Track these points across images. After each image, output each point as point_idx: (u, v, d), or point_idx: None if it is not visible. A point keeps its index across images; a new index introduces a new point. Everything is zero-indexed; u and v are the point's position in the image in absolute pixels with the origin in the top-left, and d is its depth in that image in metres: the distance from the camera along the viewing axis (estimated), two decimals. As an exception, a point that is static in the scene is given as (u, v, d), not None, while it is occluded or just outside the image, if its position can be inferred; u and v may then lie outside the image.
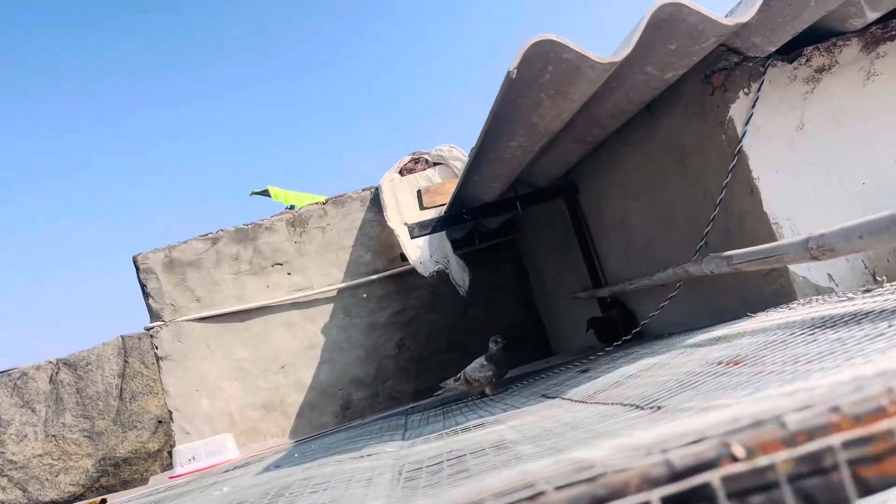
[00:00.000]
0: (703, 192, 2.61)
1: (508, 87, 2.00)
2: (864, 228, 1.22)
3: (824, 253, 1.38)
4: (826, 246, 1.35)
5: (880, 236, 1.17)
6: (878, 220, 1.18)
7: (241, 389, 5.38)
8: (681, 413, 0.88)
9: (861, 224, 1.24)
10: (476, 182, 3.39)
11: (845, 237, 1.28)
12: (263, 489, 1.41)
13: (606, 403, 1.48)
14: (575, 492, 0.46)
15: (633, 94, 2.39)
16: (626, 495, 0.45)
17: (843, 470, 0.46)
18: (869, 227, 1.21)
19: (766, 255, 1.69)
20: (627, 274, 3.64)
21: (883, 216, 1.17)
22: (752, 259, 1.78)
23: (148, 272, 5.43)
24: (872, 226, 1.19)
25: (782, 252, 1.60)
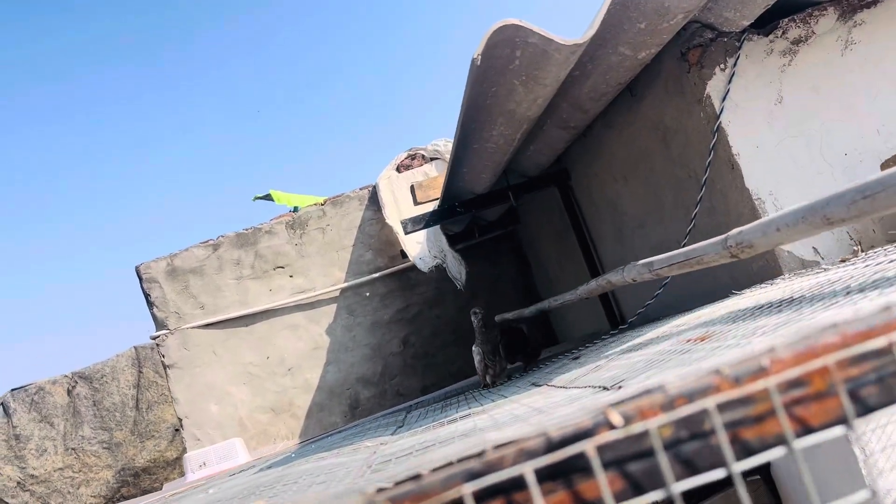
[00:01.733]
0: (688, 172, 2.59)
1: (477, 74, 1.99)
2: (780, 221, 1.19)
3: (743, 250, 1.35)
4: (745, 243, 1.32)
5: (797, 227, 1.15)
6: (793, 212, 1.15)
7: (250, 393, 5.41)
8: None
9: (776, 218, 1.22)
10: (465, 174, 3.38)
11: (763, 232, 1.26)
12: (242, 488, 1.42)
13: (581, 387, 1.48)
14: (450, 471, 0.45)
15: (610, 75, 2.37)
16: (502, 469, 0.45)
17: (720, 433, 0.45)
18: (784, 219, 1.18)
19: (686, 257, 1.65)
20: (624, 258, 3.61)
21: (796, 208, 1.15)
22: (673, 263, 1.75)
23: (151, 281, 5.46)
24: (787, 218, 1.17)
25: (701, 253, 1.56)
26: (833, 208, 1.06)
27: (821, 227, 1.11)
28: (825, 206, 1.08)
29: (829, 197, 1.08)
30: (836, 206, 1.05)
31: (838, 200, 1.05)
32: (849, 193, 1.04)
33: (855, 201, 1.01)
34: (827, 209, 1.07)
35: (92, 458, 9.13)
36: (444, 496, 0.45)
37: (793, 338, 0.47)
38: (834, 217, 1.06)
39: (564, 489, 0.45)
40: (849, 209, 1.03)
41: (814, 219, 1.10)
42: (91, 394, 9.30)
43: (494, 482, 0.45)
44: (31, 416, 9.15)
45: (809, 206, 1.09)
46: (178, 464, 9.26)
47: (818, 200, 1.10)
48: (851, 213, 1.04)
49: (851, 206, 1.02)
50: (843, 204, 1.04)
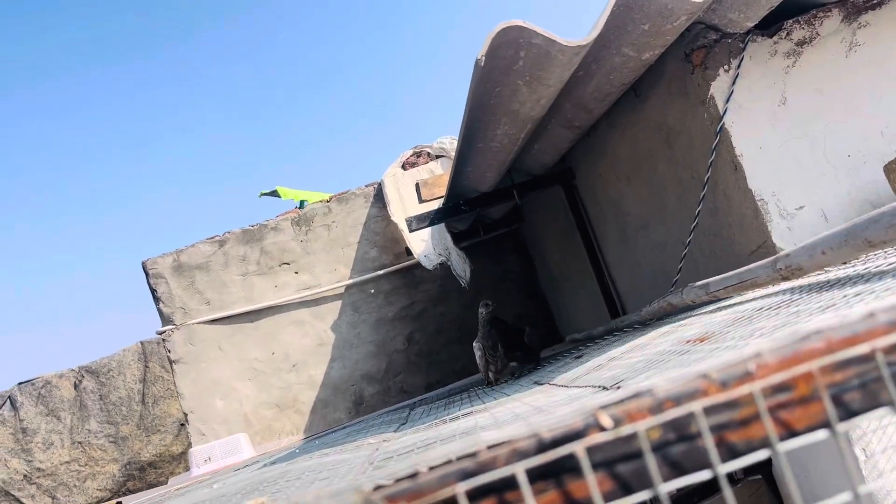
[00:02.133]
0: (691, 173, 2.59)
1: (481, 75, 2.00)
2: (825, 245, 1.25)
3: (793, 272, 1.41)
4: (794, 265, 1.38)
5: (842, 250, 1.20)
6: (836, 234, 1.21)
7: (255, 389, 5.44)
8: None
9: (820, 241, 1.27)
10: (469, 172, 3.39)
11: (809, 255, 1.31)
12: (245, 484, 1.43)
13: (581, 387, 1.49)
14: (445, 470, 0.47)
15: (614, 76, 2.38)
16: (495, 468, 0.47)
17: (706, 436, 0.47)
18: (828, 242, 1.24)
19: (739, 279, 1.71)
20: (627, 259, 3.63)
21: (838, 230, 1.20)
22: (728, 285, 1.80)
23: (157, 277, 5.50)
24: (831, 241, 1.23)
25: (754, 276, 1.62)
26: (872, 231, 1.11)
27: (863, 248, 1.17)
28: (864, 229, 1.13)
29: (866, 220, 1.13)
30: (875, 229, 1.11)
31: (875, 224, 1.11)
32: (885, 217, 1.08)
33: (892, 224, 1.06)
34: (867, 232, 1.12)
35: (98, 452, 9.19)
36: (438, 494, 0.46)
37: (779, 343, 0.48)
38: (875, 239, 1.12)
39: (555, 489, 0.47)
40: (887, 232, 1.08)
41: (855, 242, 1.16)
42: (97, 388, 9.36)
43: (487, 482, 0.46)
44: (38, 409, 9.21)
45: (849, 230, 1.15)
46: (184, 458, 9.31)
47: (857, 224, 1.16)
48: (890, 236, 1.09)
49: (889, 229, 1.08)
50: (881, 227, 1.09)
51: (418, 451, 1.22)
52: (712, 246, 2.58)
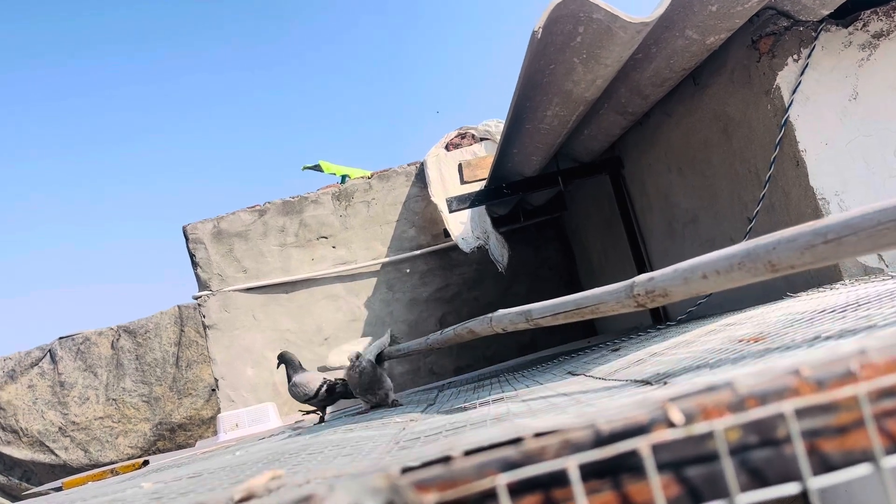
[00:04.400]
0: (748, 166, 2.47)
1: (536, 50, 1.92)
2: (709, 266, 0.96)
3: (654, 299, 1.12)
4: (657, 291, 1.08)
5: (731, 274, 0.92)
6: (729, 254, 0.94)
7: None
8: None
9: (706, 261, 0.98)
10: (514, 155, 3.31)
11: (684, 279, 1.01)
12: (267, 453, 1.40)
13: (622, 380, 1.41)
14: (485, 458, 0.41)
15: (675, 60, 2.27)
16: (542, 460, 0.40)
17: (796, 442, 0.40)
18: (715, 264, 0.95)
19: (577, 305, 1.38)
20: (673, 252, 3.52)
21: (735, 250, 0.93)
22: (559, 311, 1.46)
23: (197, 242, 5.54)
24: (720, 262, 0.94)
25: (598, 301, 1.30)
26: (782, 254, 0.87)
27: (762, 273, 0.91)
28: (771, 250, 0.88)
29: (777, 239, 0.88)
30: (785, 251, 0.86)
31: (789, 245, 0.86)
32: (803, 237, 0.84)
33: (812, 246, 0.83)
34: (774, 254, 0.87)
35: (131, 410, 9.38)
36: (475, 485, 0.40)
37: (888, 341, 0.41)
38: (781, 264, 0.88)
39: (611, 489, 0.40)
40: (801, 255, 0.84)
41: (754, 265, 0.90)
42: (134, 348, 9.53)
43: (533, 475, 0.40)
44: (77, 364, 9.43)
45: (749, 250, 0.88)
46: (213, 423, 9.46)
47: (761, 243, 0.90)
48: (805, 260, 0.85)
49: (806, 251, 0.84)
50: (795, 249, 0.85)
51: (447, 433, 1.16)
52: (765, 245, 2.47)
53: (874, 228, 0.75)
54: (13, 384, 9.26)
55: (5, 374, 9.27)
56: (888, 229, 0.74)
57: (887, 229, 0.74)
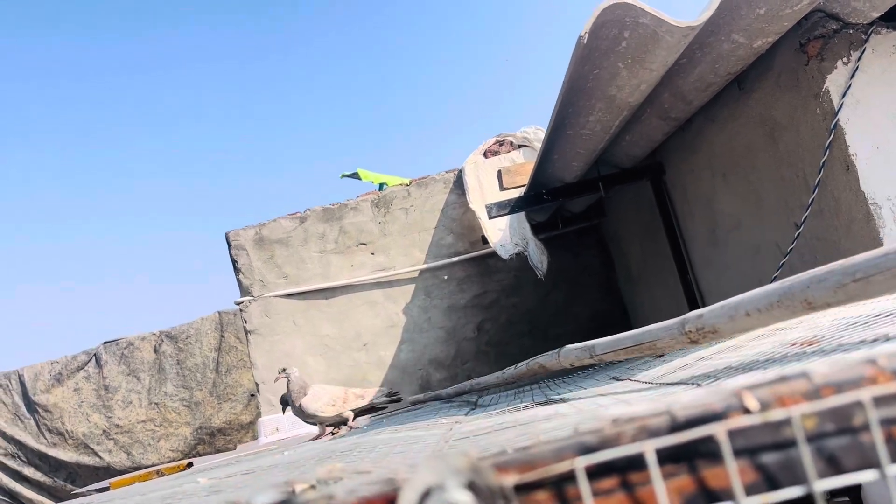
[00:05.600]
0: (795, 171, 2.44)
1: (581, 55, 1.93)
2: (751, 304, 1.00)
3: (705, 336, 1.15)
4: (707, 328, 1.12)
5: (771, 312, 0.95)
6: (767, 293, 0.97)
7: (325, 365, 5.52)
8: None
9: (747, 299, 1.02)
10: (555, 161, 3.31)
11: (730, 317, 1.05)
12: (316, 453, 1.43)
13: (672, 383, 1.41)
14: (562, 442, 0.42)
15: (720, 65, 2.25)
16: (618, 445, 0.41)
17: (875, 430, 0.40)
18: (756, 301, 0.98)
19: (635, 342, 1.42)
20: (716, 259, 3.48)
21: (771, 288, 0.96)
22: (619, 348, 1.50)
23: (239, 248, 5.64)
24: (760, 300, 0.97)
25: (653, 338, 1.34)
26: (816, 292, 0.89)
27: (800, 311, 0.94)
28: (805, 289, 0.90)
29: (809, 278, 0.90)
30: (819, 290, 0.88)
31: (821, 284, 0.88)
32: (833, 276, 0.86)
33: (842, 285, 0.84)
34: (809, 293, 0.90)
35: (172, 414, 9.55)
36: (553, 468, 0.41)
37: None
38: (817, 302, 0.91)
39: (688, 474, 0.41)
40: (835, 293, 0.86)
41: (791, 303, 0.94)
42: (176, 353, 9.71)
43: (610, 458, 0.41)
44: (121, 368, 9.64)
45: (785, 289, 0.92)
46: (251, 428, 9.58)
47: (795, 282, 0.93)
48: (837, 298, 0.87)
49: (838, 290, 0.86)
50: (827, 288, 0.87)
51: (496, 432, 1.17)
52: (814, 250, 2.43)
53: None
54: (60, 387, 9.51)
55: (52, 377, 9.53)
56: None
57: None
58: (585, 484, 0.41)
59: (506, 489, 0.41)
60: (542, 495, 0.41)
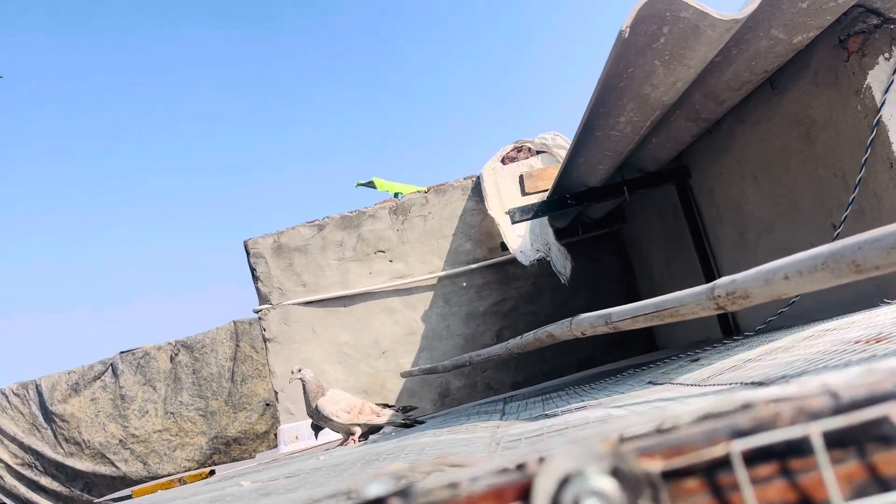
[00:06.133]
0: (833, 170, 2.39)
1: (620, 51, 1.89)
2: (792, 267, 0.94)
3: (735, 301, 1.10)
4: (739, 293, 1.07)
5: (814, 275, 0.89)
6: (813, 255, 0.91)
7: (344, 373, 5.48)
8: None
9: (790, 262, 0.96)
10: (581, 164, 3.27)
11: (766, 280, 0.99)
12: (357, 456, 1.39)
13: (724, 384, 1.36)
14: (711, 425, 0.38)
15: (757, 62, 2.21)
16: (776, 428, 0.37)
17: None
18: (799, 264, 0.93)
19: (657, 308, 1.36)
20: (743, 265, 3.42)
21: (819, 251, 0.90)
22: (638, 315, 1.44)
23: (258, 256, 5.62)
24: (804, 263, 0.92)
25: (679, 303, 1.29)
26: (868, 253, 0.84)
27: (845, 275, 0.88)
28: (857, 250, 0.85)
29: (864, 240, 0.85)
30: (872, 251, 0.83)
31: (874, 245, 0.83)
32: (889, 237, 0.81)
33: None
34: (859, 254, 0.85)
35: (188, 424, 9.53)
36: (704, 452, 0.37)
37: None
38: (866, 265, 0.85)
39: (857, 460, 0.37)
40: (889, 255, 0.81)
41: (838, 265, 0.88)
42: (191, 362, 9.69)
43: (768, 443, 0.37)
44: (137, 378, 9.63)
45: (835, 251, 0.86)
46: (267, 437, 9.55)
47: (847, 244, 0.88)
48: (890, 260, 0.82)
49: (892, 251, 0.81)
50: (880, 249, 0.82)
51: (549, 436, 1.13)
52: (852, 252, 2.37)
53: None
54: (77, 397, 9.51)
55: (69, 387, 9.54)
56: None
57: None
58: (743, 471, 0.37)
59: (652, 476, 0.37)
60: (692, 483, 0.37)
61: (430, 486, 0.39)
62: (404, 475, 0.40)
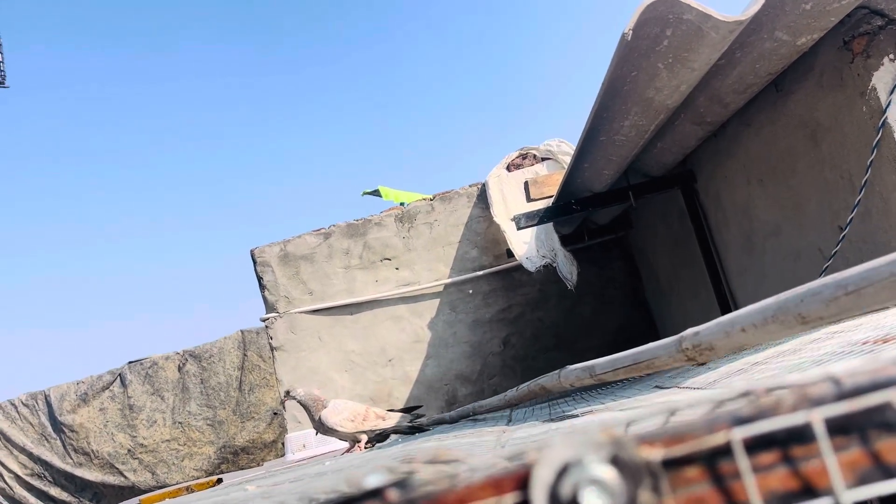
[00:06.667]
0: (840, 173, 2.38)
1: (623, 54, 1.89)
2: (745, 320, 0.97)
3: (702, 353, 1.13)
4: (704, 345, 1.10)
5: (766, 328, 0.93)
6: (760, 308, 0.94)
7: (351, 381, 5.47)
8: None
9: (741, 315, 0.99)
10: (585, 169, 3.27)
11: (725, 333, 1.02)
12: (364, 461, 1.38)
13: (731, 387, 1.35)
14: (713, 412, 0.38)
15: (761, 65, 2.21)
16: (778, 414, 0.37)
17: None
18: (749, 317, 0.96)
19: (634, 360, 1.38)
20: (750, 270, 3.40)
21: (765, 304, 0.93)
22: (619, 367, 1.46)
23: (264, 265, 5.64)
24: (754, 316, 0.95)
25: (652, 356, 1.31)
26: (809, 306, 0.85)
27: (793, 326, 0.90)
28: (799, 303, 0.87)
29: (804, 292, 0.86)
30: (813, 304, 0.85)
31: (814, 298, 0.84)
32: (827, 289, 0.82)
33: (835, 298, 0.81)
34: (802, 307, 0.86)
35: (196, 434, 9.53)
36: (705, 440, 0.37)
37: None
38: (811, 316, 0.87)
39: (860, 447, 0.36)
40: (828, 307, 0.83)
41: (785, 318, 0.90)
42: (199, 372, 9.70)
43: (769, 430, 0.37)
44: (145, 388, 9.65)
45: (779, 304, 0.88)
46: (275, 446, 9.54)
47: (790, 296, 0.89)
48: (830, 312, 0.84)
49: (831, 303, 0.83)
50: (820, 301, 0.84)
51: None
52: (860, 254, 2.36)
53: (887, 280, 0.75)
54: (85, 407, 9.53)
55: (78, 397, 9.56)
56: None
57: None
58: (744, 458, 0.36)
59: (653, 465, 0.37)
60: (693, 472, 0.37)
61: (427, 477, 0.39)
62: (402, 467, 0.40)
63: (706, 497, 0.36)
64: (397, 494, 0.38)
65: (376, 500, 0.38)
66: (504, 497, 0.37)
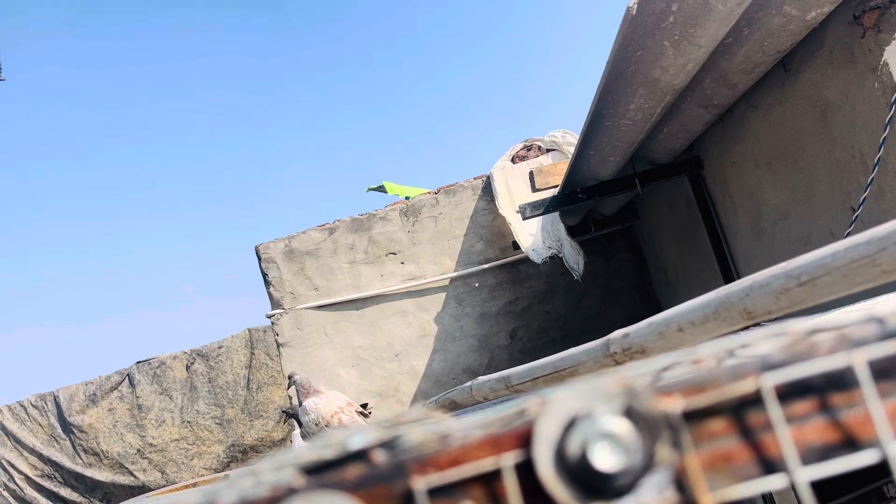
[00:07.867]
0: (851, 152, 2.32)
1: (628, 31, 1.84)
2: (683, 317, 0.89)
3: (633, 356, 1.04)
4: (635, 348, 1.02)
5: (707, 325, 0.85)
6: (701, 304, 0.86)
7: (358, 377, 5.44)
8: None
9: (679, 312, 0.91)
10: (591, 157, 3.22)
11: (660, 333, 0.94)
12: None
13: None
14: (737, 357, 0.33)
15: (769, 42, 2.15)
16: (813, 358, 0.32)
17: None
18: (688, 315, 0.88)
19: (555, 368, 1.28)
20: (759, 255, 3.35)
21: (706, 299, 0.86)
22: (537, 376, 1.35)
23: (269, 261, 5.61)
24: (694, 313, 0.87)
25: (575, 362, 1.21)
26: (757, 300, 0.79)
27: (738, 322, 0.84)
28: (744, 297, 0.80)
29: (749, 285, 0.80)
30: (760, 297, 0.79)
31: (761, 291, 0.78)
32: (777, 280, 0.76)
33: (786, 290, 0.74)
34: (748, 301, 0.80)
35: (205, 433, 9.52)
36: (730, 389, 0.33)
37: None
38: (757, 311, 0.81)
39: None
40: (777, 300, 0.77)
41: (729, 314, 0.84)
42: (207, 371, 9.70)
43: (804, 375, 0.32)
44: (153, 388, 9.65)
45: (721, 299, 0.81)
46: (283, 444, 9.53)
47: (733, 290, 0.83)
48: (780, 305, 0.78)
49: (781, 296, 0.76)
50: (769, 294, 0.77)
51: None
52: (873, 235, 2.30)
53: (847, 267, 0.67)
54: (94, 408, 9.54)
55: (87, 397, 9.57)
56: (862, 266, 0.65)
57: (861, 266, 0.65)
58: (777, 408, 0.32)
59: (672, 417, 0.32)
60: (718, 424, 0.33)
61: (417, 437, 0.34)
62: (389, 426, 0.36)
63: (733, 452, 0.32)
64: (384, 456, 0.34)
65: (361, 462, 0.34)
66: (503, 456, 0.33)
